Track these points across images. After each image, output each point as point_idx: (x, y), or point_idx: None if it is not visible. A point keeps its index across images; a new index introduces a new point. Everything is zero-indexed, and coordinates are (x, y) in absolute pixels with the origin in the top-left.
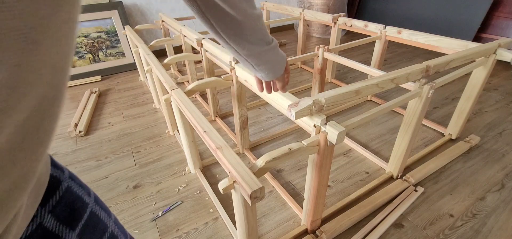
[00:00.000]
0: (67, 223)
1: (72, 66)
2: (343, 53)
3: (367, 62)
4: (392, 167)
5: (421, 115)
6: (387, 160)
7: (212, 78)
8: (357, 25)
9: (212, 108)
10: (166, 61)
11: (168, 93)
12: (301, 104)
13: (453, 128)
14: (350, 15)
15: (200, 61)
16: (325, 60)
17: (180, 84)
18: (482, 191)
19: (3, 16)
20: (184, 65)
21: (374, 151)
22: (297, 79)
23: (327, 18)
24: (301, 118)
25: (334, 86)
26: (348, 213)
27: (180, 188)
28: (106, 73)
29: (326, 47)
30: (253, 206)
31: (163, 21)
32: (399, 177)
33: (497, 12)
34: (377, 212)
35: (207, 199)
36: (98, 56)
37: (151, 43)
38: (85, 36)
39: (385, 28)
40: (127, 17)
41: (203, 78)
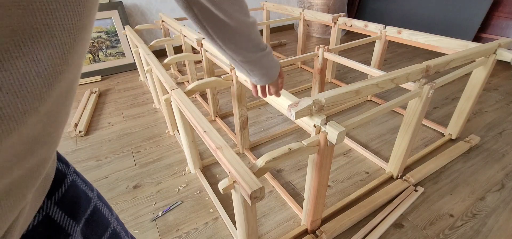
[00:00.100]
0: (72, 216)
1: None
2: (343, 53)
3: (367, 62)
4: (392, 167)
5: (421, 115)
6: (387, 160)
7: (212, 78)
8: (357, 25)
9: (212, 108)
10: (166, 61)
11: (168, 93)
12: (301, 104)
13: (453, 128)
14: (350, 15)
15: (200, 61)
16: (325, 60)
17: (180, 84)
18: (482, 191)
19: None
20: (184, 65)
21: (374, 151)
22: (297, 79)
23: (327, 18)
24: (301, 118)
25: (334, 86)
26: (348, 213)
27: (180, 188)
28: (106, 73)
29: (326, 47)
30: (253, 206)
31: (163, 21)
32: (399, 177)
33: (497, 12)
34: (377, 212)
35: (207, 199)
36: (98, 56)
37: (151, 43)
38: None
39: (385, 28)
40: (127, 17)
41: (203, 78)
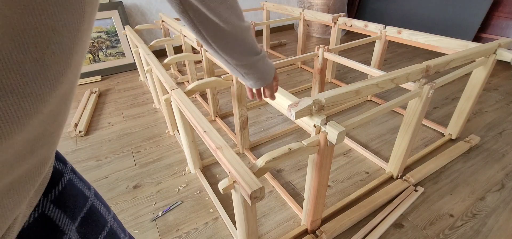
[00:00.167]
0: (68, 214)
1: None
2: (343, 53)
3: (367, 62)
4: (392, 167)
5: (421, 115)
6: (387, 160)
7: (212, 78)
8: (357, 25)
9: (212, 108)
10: (166, 61)
11: (168, 93)
12: (301, 104)
13: (453, 128)
14: (350, 15)
15: (200, 61)
16: (325, 60)
17: (180, 84)
18: (482, 191)
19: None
20: (184, 65)
21: (374, 151)
22: (297, 79)
23: (327, 18)
24: (301, 118)
25: (334, 86)
26: (348, 213)
27: (180, 188)
28: (106, 73)
29: (326, 47)
30: (253, 206)
31: (163, 21)
32: (399, 177)
33: (497, 12)
34: (377, 212)
35: (207, 199)
36: (98, 56)
37: (151, 43)
38: None
39: (385, 28)
40: (127, 17)
41: (203, 78)
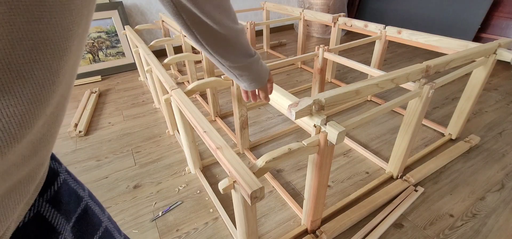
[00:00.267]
0: (63, 214)
1: None
2: (343, 53)
3: (367, 62)
4: (392, 167)
5: (421, 115)
6: (387, 160)
7: (212, 78)
8: (357, 25)
9: (212, 108)
10: (166, 61)
11: (168, 93)
12: (301, 104)
13: (453, 128)
14: (350, 15)
15: (200, 61)
16: (325, 60)
17: (180, 84)
18: (482, 191)
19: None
20: (184, 65)
21: (374, 151)
22: (297, 79)
23: (327, 18)
24: (301, 118)
25: (334, 86)
26: (348, 213)
27: (180, 188)
28: (106, 73)
29: (326, 47)
30: (253, 206)
31: (163, 21)
32: (399, 177)
33: (497, 12)
34: (377, 212)
35: (207, 199)
36: (98, 56)
37: (151, 43)
38: None
39: (385, 28)
40: (127, 17)
41: (203, 78)
